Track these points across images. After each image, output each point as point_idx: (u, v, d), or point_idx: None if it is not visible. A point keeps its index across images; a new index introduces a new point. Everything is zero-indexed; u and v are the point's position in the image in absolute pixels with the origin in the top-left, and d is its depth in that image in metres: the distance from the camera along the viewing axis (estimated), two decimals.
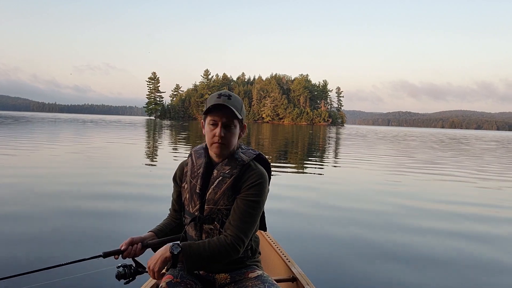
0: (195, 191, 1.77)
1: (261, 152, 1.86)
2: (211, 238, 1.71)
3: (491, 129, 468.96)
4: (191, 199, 1.79)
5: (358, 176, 9.37)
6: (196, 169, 1.81)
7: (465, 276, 3.35)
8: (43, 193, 6.01)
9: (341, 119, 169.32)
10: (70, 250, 3.64)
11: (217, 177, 1.73)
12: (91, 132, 27.47)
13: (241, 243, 1.64)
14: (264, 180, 1.72)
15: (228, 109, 1.67)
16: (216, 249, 1.61)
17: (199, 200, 1.76)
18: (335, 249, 3.89)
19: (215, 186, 1.72)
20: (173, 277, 1.71)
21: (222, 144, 1.70)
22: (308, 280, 2.07)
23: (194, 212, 1.77)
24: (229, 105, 1.67)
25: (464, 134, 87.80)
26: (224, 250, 1.61)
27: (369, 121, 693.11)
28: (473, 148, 25.28)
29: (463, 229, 4.89)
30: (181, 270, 1.76)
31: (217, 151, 1.73)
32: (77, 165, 9.59)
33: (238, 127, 1.75)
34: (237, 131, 1.75)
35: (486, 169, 12.26)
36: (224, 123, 1.69)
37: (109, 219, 4.74)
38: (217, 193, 1.72)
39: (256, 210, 1.68)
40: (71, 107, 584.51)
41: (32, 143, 15.38)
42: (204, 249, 1.61)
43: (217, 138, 1.69)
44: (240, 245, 1.64)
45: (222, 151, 1.73)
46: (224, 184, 1.71)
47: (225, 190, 1.71)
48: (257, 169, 1.74)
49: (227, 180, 1.71)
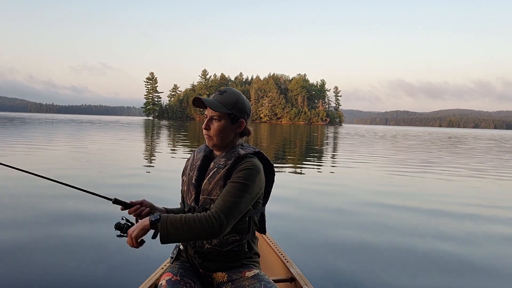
0: (192, 182, 1.84)
1: (261, 151, 1.87)
2: None
3: (489, 127, 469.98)
4: (188, 191, 1.85)
5: (357, 176, 9.40)
6: (194, 162, 1.90)
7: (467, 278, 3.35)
8: (43, 194, 6.02)
9: (339, 118, 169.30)
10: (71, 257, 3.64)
11: (213, 169, 1.79)
12: (91, 132, 27.36)
13: (220, 222, 1.58)
14: (255, 169, 1.73)
15: (208, 103, 1.76)
16: (194, 223, 1.57)
17: (194, 191, 1.81)
18: (333, 249, 3.91)
19: (210, 177, 1.77)
20: (173, 275, 1.73)
21: (208, 136, 1.81)
22: (306, 280, 2.07)
23: (191, 203, 1.82)
24: (215, 99, 1.79)
25: (463, 133, 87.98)
26: (201, 226, 1.57)
27: (367, 120, 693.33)
28: (479, 147, 25.33)
29: (464, 230, 4.89)
30: (180, 268, 1.78)
31: (207, 142, 1.86)
32: (77, 165, 9.59)
33: (225, 121, 1.79)
34: (223, 124, 1.78)
35: (490, 168, 12.30)
36: (211, 116, 1.79)
37: (110, 220, 4.75)
38: (211, 183, 1.76)
39: (242, 192, 1.65)
40: (69, 108, 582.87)
41: (41, 143, 15.35)
42: (181, 221, 1.57)
43: (204, 130, 1.82)
44: (218, 224, 1.58)
45: (209, 143, 1.83)
46: (217, 174, 1.76)
47: (218, 180, 1.74)
48: (251, 159, 1.76)
49: (221, 170, 1.76)
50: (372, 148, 20.85)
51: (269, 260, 2.53)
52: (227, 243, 1.76)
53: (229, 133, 1.81)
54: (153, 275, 2.07)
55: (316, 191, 7.21)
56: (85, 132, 27.37)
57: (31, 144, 15.46)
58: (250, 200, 1.70)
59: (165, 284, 1.67)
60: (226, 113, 1.78)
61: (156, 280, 2.03)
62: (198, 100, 1.80)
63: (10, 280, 3.02)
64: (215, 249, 1.76)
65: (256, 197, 1.75)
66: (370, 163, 12.69)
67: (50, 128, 33.18)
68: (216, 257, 1.78)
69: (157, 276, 2.05)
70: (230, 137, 1.82)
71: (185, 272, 1.77)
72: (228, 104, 1.78)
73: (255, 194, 1.73)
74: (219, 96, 1.80)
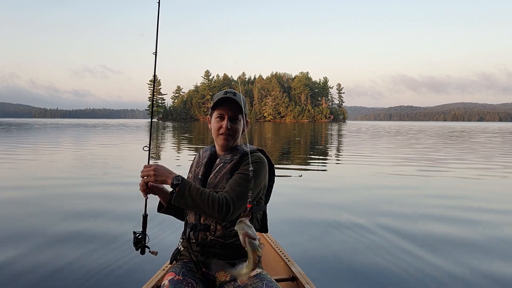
0: (198, 177, 1.89)
1: (264, 150, 1.96)
2: (209, 221, 1.80)
3: (493, 120, 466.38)
4: None
5: (360, 175, 9.36)
6: (201, 160, 1.96)
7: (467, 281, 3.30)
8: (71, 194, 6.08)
9: (342, 115, 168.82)
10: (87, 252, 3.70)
11: (219, 164, 1.86)
12: (104, 136, 27.53)
13: (228, 204, 1.65)
14: (261, 162, 1.82)
15: (235, 103, 1.83)
16: (207, 199, 1.64)
17: (200, 185, 1.82)
18: (335, 248, 3.89)
19: (216, 172, 1.84)
20: (175, 274, 1.74)
21: (228, 135, 1.85)
22: (308, 280, 2.08)
23: None
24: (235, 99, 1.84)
25: (470, 126, 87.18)
26: (212, 204, 1.63)
27: (371, 116, 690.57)
28: (496, 140, 25.14)
29: (471, 228, 4.85)
30: (183, 268, 1.80)
31: (223, 142, 1.87)
32: (90, 169, 9.67)
33: (242, 122, 1.90)
34: (241, 125, 1.89)
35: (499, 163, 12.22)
36: (230, 116, 1.85)
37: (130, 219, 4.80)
38: (217, 177, 1.82)
39: (249, 183, 1.69)
40: (73, 112, 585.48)
41: (82, 147, 15.49)
42: (198, 191, 1.65)
43: (223, 129, 1.84)
44: (227, 205, 1.65)
45: (228, 142, 1.87)
46: (224, 169, 1.83)
47: (225, 174, 1.81)
48: (258, 153, 1.86)
49: (227, 165, 1.83)
50: (376, 145, 20.76)
51: (270, 259, 2.54)
52: (230, 235, 1.78)
53: (241, 132, 1.92)
54: (154, 277, 2.09)
55: (318, 190, 7.19)
56: (106, 136, 27.53)
57: (78, 149, 15.63)
58: (256, 192, 1.77)
59: (167, 283, 1.69)
60: (244, 114, 1.89)
61: (157, 281, 2.04)
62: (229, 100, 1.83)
63: (10, 280, 3.07)
64: (218, 241, 1.79)
65: (260, 190, 1.82)
66: (376, 161, 12.64)
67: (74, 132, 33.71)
68: (218, 249, 1.79)
69: (158, 278, 2.07)
70: (240, 136, 1.94)
71: (187, 272, 1.78)
72: (243, 105, 1.87)
73: (262, 185, 1.81)
74: (234, 97, 1.84)
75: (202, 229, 1.80)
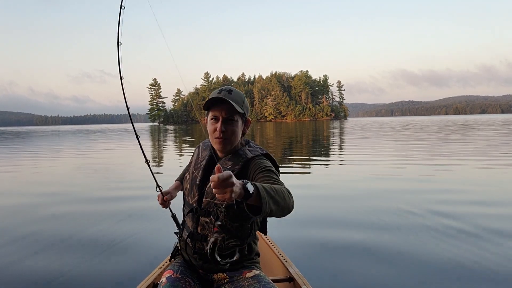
0: (195, 183, 1.78)
1: (268, 152, 1.82)
2: (206, 231, 1.71)
3: (496, 112, 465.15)
4: (190, 190, 1.80)
5: (358, 175, 9.29)
6: (200, 161, 1.84)
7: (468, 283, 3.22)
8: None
9: (343, 112, 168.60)
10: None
11: None
12: (110, 141, 27.58)
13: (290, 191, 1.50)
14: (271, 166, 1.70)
15: (228, 103, 1.65)
16: (281, 191, 1.41)
17: (198, 192, 1.75)
18: (332, 249, 3.86)
19: None
20: (173, 272, 1.72)
21: (224, 139, 1.69)
22: (305, 280, 2.07)
23: (193, 204, 1.77)
24: (228, 99, 1.65)
25: (474, 119, 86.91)
26: (286, 194, 1.43)
27: (372, 112, 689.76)
28: (503, 132, 25.06)
29: (472, 229, 4.79)
30: (181, 266, 1.78)
31: (219, 146, 1.72)
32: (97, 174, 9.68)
33: (240, 122, 1.73)
34: (239, 125, 1.72)
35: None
36: (225, 118, 1.68)
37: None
38: None
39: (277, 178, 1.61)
40: (74, 119, 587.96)
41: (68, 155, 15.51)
42: (272, 190, 1.37)
43: (217, 133, 1.68)
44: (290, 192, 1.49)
45: (224, 146, 1.72)
46: None
47: None
48: (263, 159, 1.73)
49: None
50: (377, 143, 20.73)
51: (268, 260, 2.54)
52: (227, 247, 1.69)
53: (240, 133, 1.75)
54: (151, 274, 2.09)
55: (315, 190, 7.12)
56: (117, 141, 27.58)
57: (89, 153, 15.68)
58: None
59: (165, 281, 1.67)
60: (241, 114, 1.72)
61: (155, 279, 2.05)
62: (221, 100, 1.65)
63: (10, 281, 3.08)
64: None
65: None
66: (375, 161, 12.59)
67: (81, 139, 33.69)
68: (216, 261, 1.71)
69: (156, 275, 2.07)
70: (239, 137, 1.77)
71: (185, 270, 1.76)
72: (240, 103, 1.71)
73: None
74: (229, 96, 1.68)
75: (199, 239, 1.73)
